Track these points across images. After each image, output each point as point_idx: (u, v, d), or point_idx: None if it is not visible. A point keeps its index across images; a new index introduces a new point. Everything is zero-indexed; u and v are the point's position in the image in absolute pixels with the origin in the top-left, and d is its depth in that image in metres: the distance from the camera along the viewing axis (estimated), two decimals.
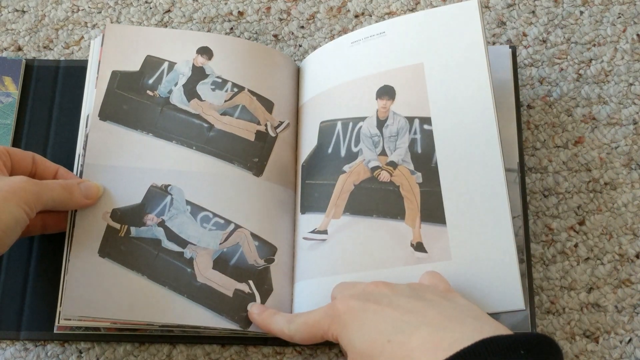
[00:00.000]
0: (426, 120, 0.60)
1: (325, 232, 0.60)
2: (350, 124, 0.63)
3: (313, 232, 0.61)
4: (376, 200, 0.60)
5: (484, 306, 0.53)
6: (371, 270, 0.57)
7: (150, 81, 0.64)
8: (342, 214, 0.60)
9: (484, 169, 0.58)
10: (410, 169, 0.60)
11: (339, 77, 0.65)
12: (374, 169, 0.61)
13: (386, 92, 0.62)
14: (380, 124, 0.61)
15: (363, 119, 0.62)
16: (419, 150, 0.60)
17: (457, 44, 0.61)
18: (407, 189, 0.59)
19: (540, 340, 0.44)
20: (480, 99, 0.59)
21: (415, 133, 0.60)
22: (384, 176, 0.60)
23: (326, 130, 0.64)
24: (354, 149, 0.62)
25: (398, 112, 0.61)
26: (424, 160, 0.59)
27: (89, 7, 0.74)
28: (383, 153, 0.61)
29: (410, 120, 0.61)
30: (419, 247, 0.57)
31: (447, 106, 0.60)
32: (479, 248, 0.56)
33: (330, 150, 0.63)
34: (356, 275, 0.58)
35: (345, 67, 0.65)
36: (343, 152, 0.62)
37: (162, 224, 0.60)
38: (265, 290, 0.59)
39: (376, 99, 0.62)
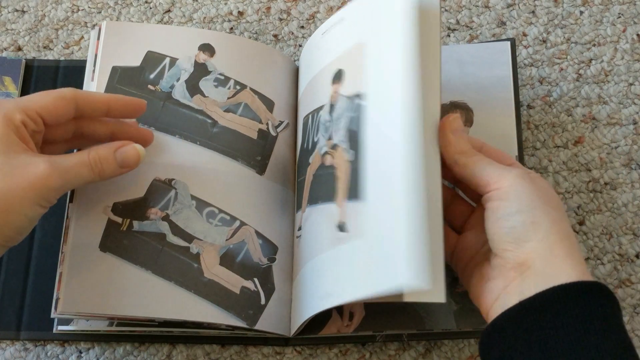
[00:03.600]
0: (361, 97, 0.56)
1: (300, 228, 0.59)
2: (315, 115, 0.61)
3: (299, 229, 0.60)
4: (321, 186, 0.57)
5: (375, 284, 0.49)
6: (309, 261, 0.55)
7: (152, 76, 0.63)
8: (306, 207, 0.59)
9: (405, 146, 0.51)
10: (344, 147, 0.56)
11: (314, 69, 0.63)
12: (324, 155, 0.58)
13: (337, 77, 0.59)
14: (332, 109, 0.59)
15: (322, 107, 0.60)
16: (355, 128, 0.56)
17: (394, 23, 0.54)
18: (340, 168, 0.56)
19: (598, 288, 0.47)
20: (406, 73, 0.52)
21: (353, 111, 0.56)
22: (326, 160, 0.57)
23: (305, 124, 0.62)
24: (315, 139, 0.60)
25: (343, 94, 0.58)
26: (356, 137, 0.55)
27: (89, 7, 0.74)
28: (331, 137, 0.58)
29: (351, 99, 0.57)
30: (342, 226, 0.54)
31: (380, 83, 0.55)
32: (390, 225, 0.50)
33: (305, 145, 0.61)
34: (303, 270, 0.57)
35: (317, 58, 0.63)
36: (310, 144, 0.60)
37: (166, 218, 0.59)
38: (269, 289, 0.59)
39: (331, 85, 0.60)
